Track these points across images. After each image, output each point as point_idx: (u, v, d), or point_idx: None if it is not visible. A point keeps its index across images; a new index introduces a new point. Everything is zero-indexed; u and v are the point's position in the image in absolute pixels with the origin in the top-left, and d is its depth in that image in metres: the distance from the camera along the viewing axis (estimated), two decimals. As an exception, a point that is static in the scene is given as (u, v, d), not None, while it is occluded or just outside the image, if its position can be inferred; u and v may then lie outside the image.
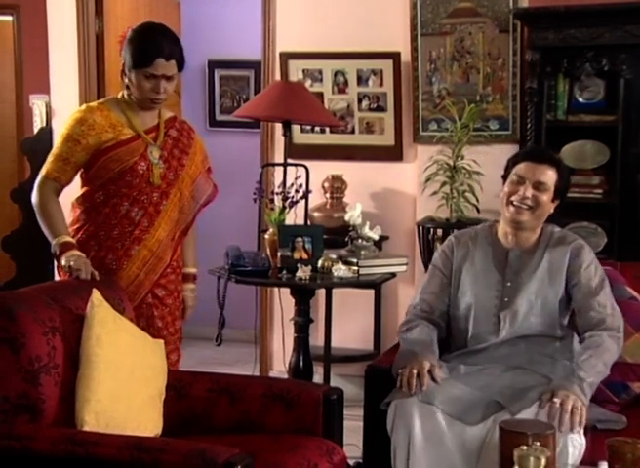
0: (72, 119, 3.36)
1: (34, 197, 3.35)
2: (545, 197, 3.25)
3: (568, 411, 2.88)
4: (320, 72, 5.44)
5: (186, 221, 3.55)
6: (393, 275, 4.37)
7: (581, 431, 2.93)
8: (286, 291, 4.53)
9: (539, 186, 3.25)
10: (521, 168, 3.29)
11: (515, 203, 3.26)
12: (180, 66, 3.38)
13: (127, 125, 3.37)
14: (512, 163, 3.34)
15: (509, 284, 3.31)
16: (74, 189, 3.47)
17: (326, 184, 5.31)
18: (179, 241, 3.55)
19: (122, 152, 3.32)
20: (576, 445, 2.89)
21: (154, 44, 3.31)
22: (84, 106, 3.45)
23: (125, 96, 3.42)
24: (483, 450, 2.98)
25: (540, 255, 3.31)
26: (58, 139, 3.38)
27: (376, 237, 4.36)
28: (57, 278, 3.47)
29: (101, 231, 3.35)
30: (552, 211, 3.33)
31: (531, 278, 3.29)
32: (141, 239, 3.36)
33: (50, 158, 3.35)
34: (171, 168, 3.42)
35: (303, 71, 5.46)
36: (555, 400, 2.91)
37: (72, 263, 3.16)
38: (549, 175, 3.26)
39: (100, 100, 3.53)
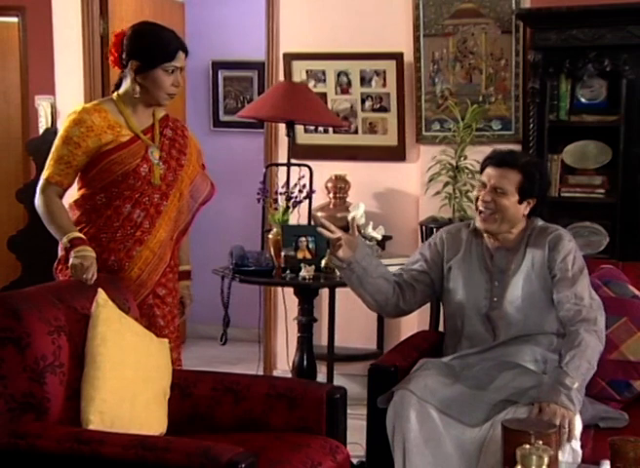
0: (69, 121, 3.31)
1: (37, 201, 3.32)
2: (506, 201, 3.27)
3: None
4: (323, 73, 5.45)
5: (185, 221, 3.54)
6: (396, 275, 4.38)
7: (577, 442, 2.94)
8: (289, 290, 4.55)
9: (496, 190, 3.27)
10: (485, 172, 3.34)
11: (480, 208, 3.32)
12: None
13: (125, 126, 3.34)
14: (482, 168, 3.39)
15: (497, 283, 3.33)
16: (72, 190, 3.43)
17: (329, 184, 5.32)
18: (177, 240, 3.54)
19: (124, 155, 3.29)
20: (569, 452, 2.91)
21: (172, 38, 3.34)
22: (80, 107, 3.39)
23: (122, 94, 3.39)
24: (482, 452, 2.99)
25: (523, 252, 3.32)
26: (56, 142, 3.32)
27: (379, 237, 4.36)
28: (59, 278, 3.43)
29: (103, 233, 3.32)
30: (526, 212, 3.33)
31: (516, 276, 3.30)
32: (143, 240, 3.35)
33: (50, 161, 3.31)
34: (170, 168, 3.41)
35: (307, 72, 5.48)
36: (544, 418, 2.90)
37: (78, 262, 3.12)
38: (508, 179, 3.27)
39: (96, 102, 3.47)
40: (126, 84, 3.38)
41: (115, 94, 3.42)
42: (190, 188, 3.50)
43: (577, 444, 2.94)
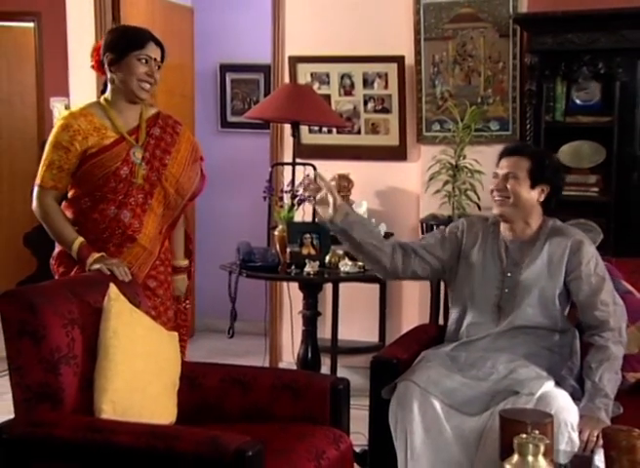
0: (58, 127, 3.35)
1: (35, 208, 3.39)
2: (518, 185, 3.32)
3: (594, 441, 3.00)
4: (327, 75, 5.49)
5: (173, 216, 3.57)
6: (397, 270, 4.46)
7: (575, 432, 3.03)
8: (294, 285, 4.60)
9: (508, 176, 3.33)
10: (499, 165, 3.41)
11: (495, 196, 3.38)
12: (163, 57, 3.43)
13: (110, 128, 3.37)
14: (496, 164, 3.45)
15: (509, 274, 3.38)
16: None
17: (333, 183, 5.33)
18: (166, 235, 3.57)
19: (105, 158, 3.33)
20: (568, 442, 3.01)
21: (142, 30, 3.42)
22: (67, 113, 3.43)
23: (108, 97, 3.43)
24: (482, 441, 3.05)
25: (540, 247, 3.36)
26: (46, 148, 3.37)
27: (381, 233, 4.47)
28: (56, 274, 3.51)
29: (91, 235, 3.36)
30: (541, 198, 3.38)
31: (529, 269, 3.35)
32: (135, 238, 3.39)
33: (42, 168, 3.36)
34: (153, 168, 3.42)
35: (311, 74, 5.52)
36: (584, 432, 3.03)
37: (114, 268, 3.21)
38: (518, 165, 3.33)
39: (82, 106, 3.47)
40: (109, 86, 3.44)
41: (102, 97, 3.47)
42: (176, 186, 3.49)
43: (575, 434, 3.01)
